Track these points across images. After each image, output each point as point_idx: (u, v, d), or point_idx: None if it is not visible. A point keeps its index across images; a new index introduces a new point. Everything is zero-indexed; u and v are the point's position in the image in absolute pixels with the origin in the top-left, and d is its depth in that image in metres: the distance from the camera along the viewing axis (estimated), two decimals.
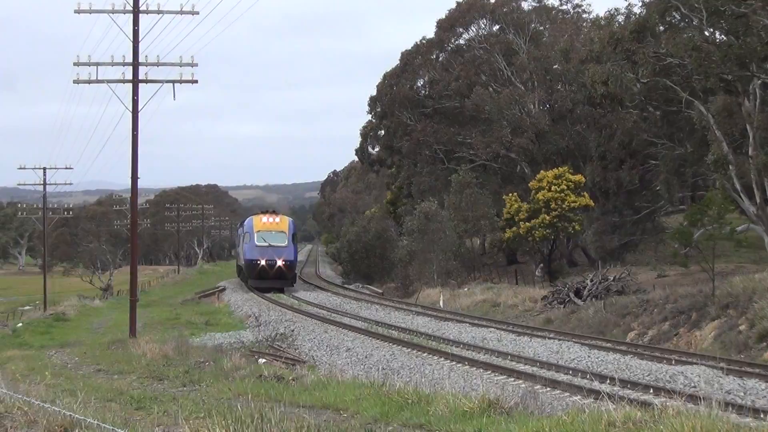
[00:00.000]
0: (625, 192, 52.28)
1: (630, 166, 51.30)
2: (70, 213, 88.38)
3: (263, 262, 55.35)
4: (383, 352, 27.85)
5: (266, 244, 55.70)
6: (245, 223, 60.22)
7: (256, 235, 56.29)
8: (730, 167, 39.44)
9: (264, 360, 27.37)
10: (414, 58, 68.66)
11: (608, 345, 27.93)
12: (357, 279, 71.56)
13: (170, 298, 64.66)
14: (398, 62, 70.20)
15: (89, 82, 31.75)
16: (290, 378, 18.03)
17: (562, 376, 21.48)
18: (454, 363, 24.43)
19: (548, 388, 19.88)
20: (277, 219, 57.83)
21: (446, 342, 29.94)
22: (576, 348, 26.89)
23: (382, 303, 49.34)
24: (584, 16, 67.15)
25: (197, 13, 31.69)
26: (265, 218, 57.53)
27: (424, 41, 69.38)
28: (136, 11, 31.06)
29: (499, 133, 60.97)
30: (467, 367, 23.68)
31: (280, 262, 55.30)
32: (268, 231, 56.32)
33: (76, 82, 32.03)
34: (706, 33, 39.78)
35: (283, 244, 55.94)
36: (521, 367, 23.40)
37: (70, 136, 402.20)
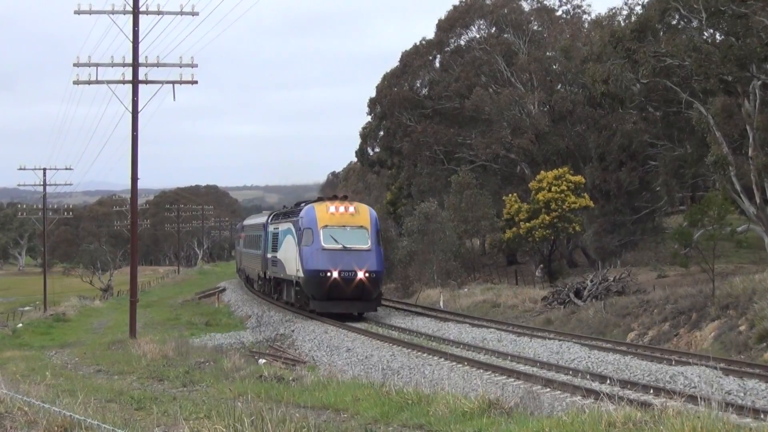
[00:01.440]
0: (625, 193, 52.31)
1: (630, 167, 51.33)
2: (70, 213, 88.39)
3: (335, 275, 36.67)
4: (383, 352, 27.86)
5: (339, 246, 37.41)
6: (302, 214, 39.54)
7: (322, 232, 37.74)
8: (730, 168, 39.45)
9: (264, 360, 27.39)
10: (414, 59, 68.63)
11: (608, 345, 27.93)
12: None
13: (170, 298, 64.67)
14: (398, 63, 70.19)
15: (89, 82, 31.77)
16: (290, 378, 18.04)
17: (562, 377, 21.48)
18: (454, 363, 24.44)
19: (548, 389, 19.88)
20: (352, 208, 38.86)
21: (446, 342, 29.94)
22: (576, 348, 26.90)
23: (382, 303, 49.35)
24: (584, 17, 67.16)
25: (197, 13, 31.73)
26: (333, 207, 38.58)
27: (423, 42, 69.35)
28: (136, 12, 31.08)
29: (499, 133, 60.98)
30: (467, 367, 23.69)
31: (361, 274, 36.73)
32: (342, 227, 38.07)
33: (76, 82, 32.07)
34: (706, 34, 39.80)
35: (365, 246, 37.69)
36: (521, 367, 23.40)
37: (69, 136, 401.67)
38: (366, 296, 37.44)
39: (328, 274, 36.82)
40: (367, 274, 36.93)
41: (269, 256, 46.44)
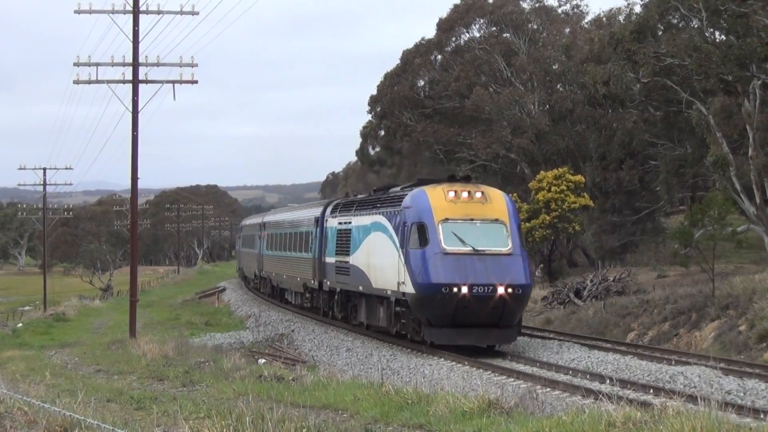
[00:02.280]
0: (625, 192, 52.36)
1: (630, 167, 51.37)
2: (71, 213, 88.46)
3: (465, 291, 25.53)
4: (383, 352, 27.86)
5: (467, 249, 26.16)
6: (408, 202, 27.52)
7: (441, 228, 26.31)
8: (730, 168, 39.46)
9: (264, 360, 27.43)
10: (414, 58, 68.69)
11: (608, 345, 27.92)
12: None
13: (170, 298, 64.68)
14: (398, 62, 70.25)
15: (89, 82, 31.80)
16: (290, 378, 18.06)
17: (562, 376, 21.48)
18: (454, 363, 24.42)
19: (548, 389, 19.87)
20: (479, 194, 27.12)
21: None
22: (576, 348, 26.89)
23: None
24: (584, 17, 67.21)
25: (197, 13, 31.76)
26: (452, 192, 26.90)
27: (423, 42, 69.41)
28: (136, 11, 31.10)
29: (499, 133, 61.00)
30: (467, 367, 23.68)
31: (501, 290, 25.65)
32: (469, 220, 26.57)
33: (76, 82, 32.10)
34: (706, 33, 39.82)
35: (505, 249, 26.46)
36: (521, 367, 23.39)
37: (69, 136, 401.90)
38: (505, 321, 26.15)
39: (455, 290, 25.47)
40: (509, 290, 25.67)
41: (332, 260, 34.64)
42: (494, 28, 66.42)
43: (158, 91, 31.59)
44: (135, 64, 31.26)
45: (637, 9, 44.75)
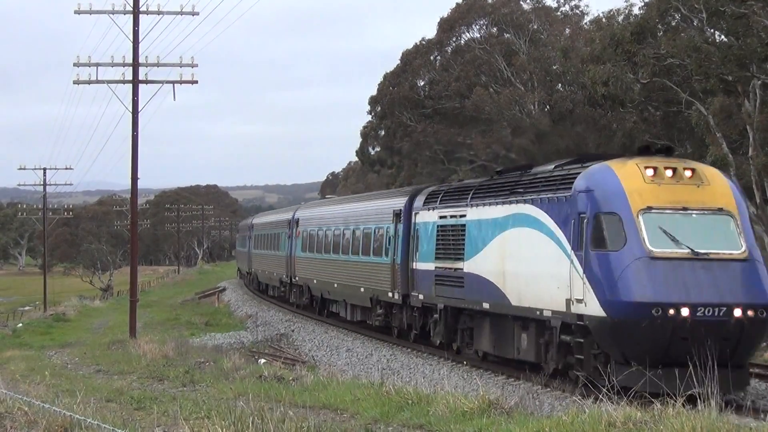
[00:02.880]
0: None
1: None
2: (71, 213, 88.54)
3: (685, 313, 16.95)
4: (383, 352, 27.86)
5: (684, 251, 17.57)
6: (583, 183, 18.84)
7: (643, 221, 17.67)
8: (730, 168, 39.49)
9: (264, 360, 27.42)
10: (414, 59, 68.74)
11: None
12: None
13: (170, 298, 64.70)
14: (398, 62, 70.30)
15: (89, 82, 31.85)
16: (290, 378, 18.07)
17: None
18: (454, 363, 24.42)
19: (548, 389, 19.86)
20: (689, 172, 18.44)
21: None
22: None
23: None
24: (585, 18, 67.25)
25: (197, 13, 31.85)
26: (651, 170, 18.20)
27: (424, 42, 69.45)
28: (136, 12, 31.14)
29: (499, 133, 61.05)
30: (467, 367, 23.68)
31: (738, 312, 17.08)
32: (681, 210, 17.97)
33: (76, 82, 32.16)
34: (707, 34, 39.87)
35: (738, 252, 17.84)
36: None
37: (70, 136, 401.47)
38: (738, 359, 17.73)
39: (670, 311, 17.20)
40: (750, 313, 17.41)
41: (427, 267, 26.47)
42: (495, 28, 66.50)
43: (158, 91, 31.69)
44: (135, 65, 31.29)
45: (636, 10, 44.81)
